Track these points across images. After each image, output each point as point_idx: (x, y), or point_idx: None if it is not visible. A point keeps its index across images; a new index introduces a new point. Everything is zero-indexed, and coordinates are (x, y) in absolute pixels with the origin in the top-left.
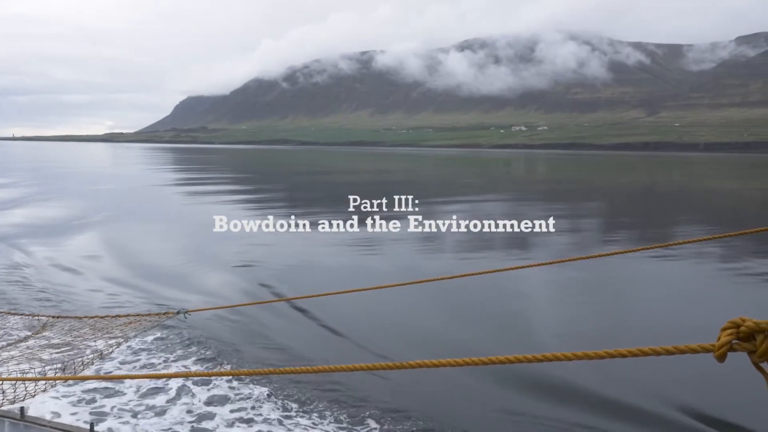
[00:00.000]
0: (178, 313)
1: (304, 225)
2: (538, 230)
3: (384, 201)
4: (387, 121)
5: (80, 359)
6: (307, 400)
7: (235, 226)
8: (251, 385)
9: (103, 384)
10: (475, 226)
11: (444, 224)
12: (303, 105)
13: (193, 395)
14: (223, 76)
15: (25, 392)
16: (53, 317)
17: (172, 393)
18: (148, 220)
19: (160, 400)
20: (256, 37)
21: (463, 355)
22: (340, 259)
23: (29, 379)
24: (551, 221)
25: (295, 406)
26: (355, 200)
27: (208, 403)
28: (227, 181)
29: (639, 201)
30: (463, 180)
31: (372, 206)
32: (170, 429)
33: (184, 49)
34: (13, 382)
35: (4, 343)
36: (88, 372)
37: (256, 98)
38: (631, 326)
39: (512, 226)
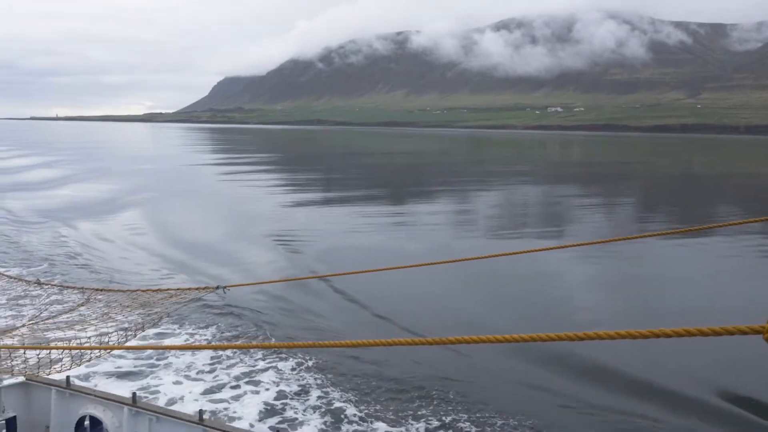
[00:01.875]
0: (217, 288)
1: (339, 205)
2: (573, 212)
3: (417, 181)
4: (421, 102)
5: (123, 330)
6: (340, 373)
7: (271, 204)
8: (285, 358)
9: (145, 354)
10: (508, 206)
11: (476, 204)
12: (338, 85)
13: (231, 367)
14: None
15: (71, 361)
16: (98, 290)
17: (211, 364)
18: (189, 199)
19: (198, 370)
20: (292, 17)
21: (496, 333)
22: (374, 238)
23: (74, 348)
24: (586, 203)
25: (328, 379)
26: (389, 181)
27: (245, 374)
28: (264, 161)
29: (675, 183)
30: (496, 161)
31: (405, 186)
32: (208, 398)
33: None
34: (60, 351)
35: (51, 314)
36: (130, 343)
37: (292, 79)
38: (670, 309)
39: (546, 207)
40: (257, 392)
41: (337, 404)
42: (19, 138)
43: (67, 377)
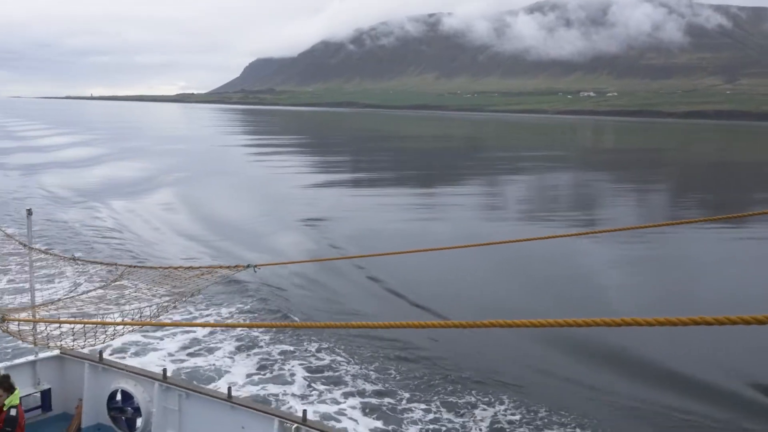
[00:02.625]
0: (248, 266)
1: (368, 187)
2: (604, 198)
3: (447, 165)
4: (452, 85)
5: (155, 307)
6: (367, 354)
7: (301, 186)
8: (312, 338)
9: (176, 331)
10: (539, 191)
11: (506, 189)
12: (369, 68)
13: (259, 345)
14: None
15: (104, 336)
16: (131, 267)
17: (240, 341)
18: (221, 179)
19: (228, 347)
20: None
21: (525, 318)
22: (403, 221)
23: (108, 323)
24: (618, 189)
25: (354, 359)
26: (418, 164)
27: (272, 352)
28: (294, 143)
29: (710, 171)
30: (527, 146)
31: (434, 170)
32: (237, 375)
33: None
34: (94, 326)
35: (86, 290)
36: (161, 319)
37: (323, 60)
38: (704, 297)
39: (578, 192)
40: (283, 370)
41: (362, 384)
42: (56, 117)
43: (100, 352)
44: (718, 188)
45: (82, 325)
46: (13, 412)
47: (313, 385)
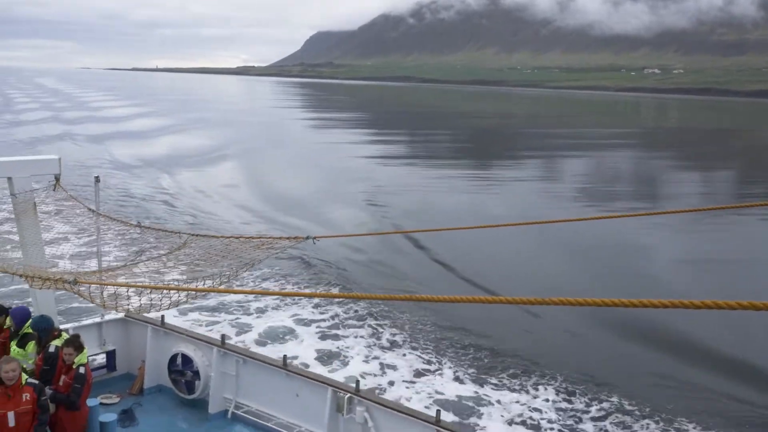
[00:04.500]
0: (307, 238)
1: (425, 163)
2: (665, 179)
3: (505, 143)
4: (512, 61)
5: (216, 275)
6: (418, 326)
7: (359, 161)
8: (366, 308)
9: (235, 299)
10: (597, 171)
11: (564, 168)
12: (428, 42)
13: (315, 315)
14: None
15: (169, 301)
16: (194, 235)
17: (296, 311)
18: (280, 152)
19: (285, 317)
20: None
21: (577, 297)
22: (459, 197)
23: (171, 288)
24: (680, 170)
25: (406, 330)
26: (476, 141)
27: (328, 322)
28: (352, 118)
29: None
30: (588, 123)
31: (492, 147)
32: (292, 343)
33: None
34: (157, 291)
35: (150, 256)
36: (222, 287)
37: (383, 34)
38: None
39: (638, 173)
40: (338, 340)
41: (414, 356)
42: (123, 88)
43: (162, 316)
44: None
45: (147, 290)
46: (81, 370)
47: (366, 356)
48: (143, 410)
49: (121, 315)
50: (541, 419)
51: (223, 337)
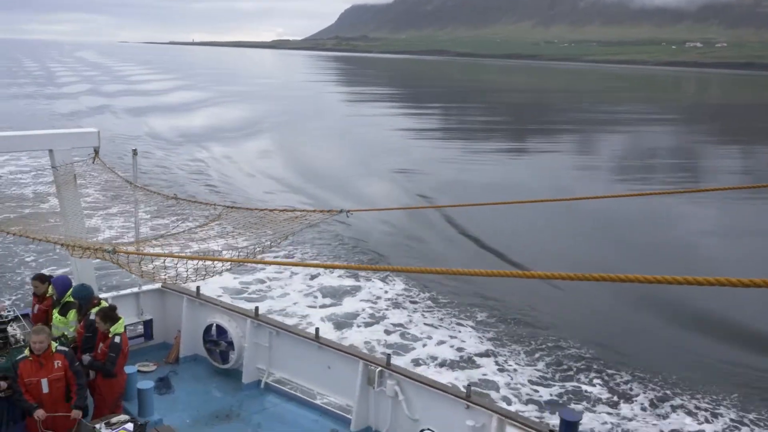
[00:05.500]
0: (341, 211)
1: (458, 138)
2: (703, 157)
3: (539, 118)
4: (549, 34)
5: (251, 247)
6: (450, 299)
7: (392, 135)
8: (397, 281)
9: (269, 271)
10: (634, 147)
11: (600, 146)
12: (463, 15)
13: (348, 288)
14: None
15: (204, 272)
16: (229, 207)
17: (329, 284)
18: (315, 126)
19: (317, 290)
20: None
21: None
22: (492, 172)
23: (207, 259)
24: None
25: (437, 303)
26: (510, 116)
27: (361, 295)
28: (386, 93)
29: None
30: (625, 99)
31: (526, 123)
32: (324, 315)
33: None
34: (192, 262)
35: (185, 228)
36: (256, 259)
37: (418, 7)
38: None
39: (676, 151)
40: (370, 314)
41: (445, 331)
42: (160, 62)
43: (197, 287)
44: None
45: (183, 261)
46: (117, 339)
47: (398, 330)
48: (179, 378)
49: (157, 286)
50: (577, 399)
51: (256, 308)
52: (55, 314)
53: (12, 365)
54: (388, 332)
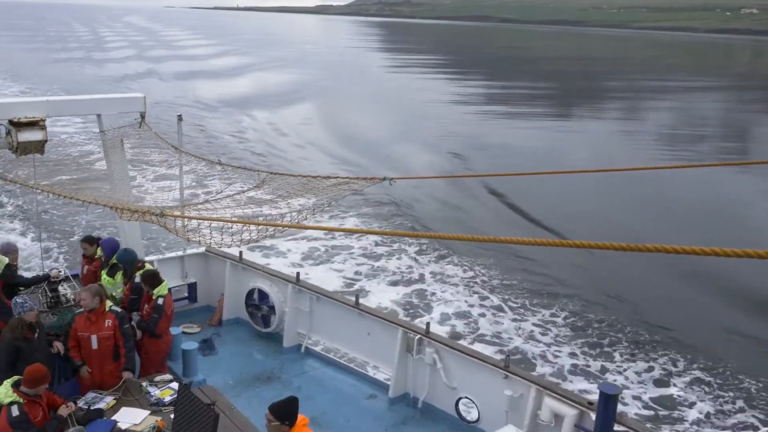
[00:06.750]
0: (384, 179)
1: (501, 106)
2: (754, 129)
3: (585, 87)
4: None
5: (294, 212)
6: (490, 267)
7: (434, 104)
8: (438, 248)
9: (311, 237)
10: (682, 118)
11: (647, 118)
12: None
13: (389, 255)
14: None
15: (248, 237)
16: (271, 173)
17: (370, 252)
18: (359, 93)
19: (359, 255)
20: None
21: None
22: (534, 143)
23: (251, 223)
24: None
25: (477, 271)
26: (554, 85)
27: (402, 264)
28: (428, 61)
29: None
30: (671, 67)
31: (572, 92)
32: (365, 282)
33: None
34: (237, 226)
35: (230, 193)
36: (299, 224)
37: None
38: None
39: (725, 122)
40: (411, 282)
41: (486, 300)
42: (205, 27)
43: (240, 252)
44: None
45: (227, 225)
46: (160, 301)
47: (438, 298)
48: (222, 340)
49: (202, 249)
50: (617, 372)
51: (297, 274)
52: (104, 275)
53: (72, 318)
54: (427, 301)
